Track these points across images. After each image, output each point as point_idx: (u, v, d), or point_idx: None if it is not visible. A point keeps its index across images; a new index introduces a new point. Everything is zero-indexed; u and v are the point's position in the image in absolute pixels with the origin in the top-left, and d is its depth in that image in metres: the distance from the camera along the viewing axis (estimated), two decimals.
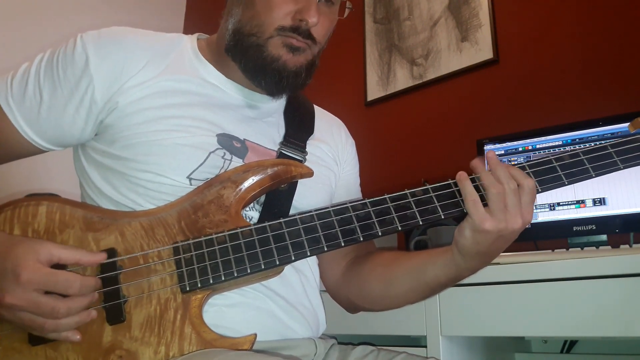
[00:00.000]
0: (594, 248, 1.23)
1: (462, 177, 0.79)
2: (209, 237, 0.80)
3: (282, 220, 0.81)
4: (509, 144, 1.44)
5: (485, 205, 0.77)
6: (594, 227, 1.27)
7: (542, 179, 0.81)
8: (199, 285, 0.77)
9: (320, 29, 0.91)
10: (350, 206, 0.82)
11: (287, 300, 0.88)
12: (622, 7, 1.57)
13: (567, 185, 0.81)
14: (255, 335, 0.79)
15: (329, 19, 0.92)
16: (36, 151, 0.91)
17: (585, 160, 0.82)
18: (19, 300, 0.70)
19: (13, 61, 0.91)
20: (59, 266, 0.74)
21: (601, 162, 0.82)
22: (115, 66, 0.87)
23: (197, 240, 0.80)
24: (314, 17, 0.86)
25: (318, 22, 0.88)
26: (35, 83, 0.87)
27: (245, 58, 0.91)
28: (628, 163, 0.82)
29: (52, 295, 0.72)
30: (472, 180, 0.79)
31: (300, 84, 0.93)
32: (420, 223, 0.81)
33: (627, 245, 1.24)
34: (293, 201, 0.92)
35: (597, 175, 0.81)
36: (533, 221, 1.33)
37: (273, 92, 0.94)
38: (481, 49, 1.84)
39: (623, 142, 0.83)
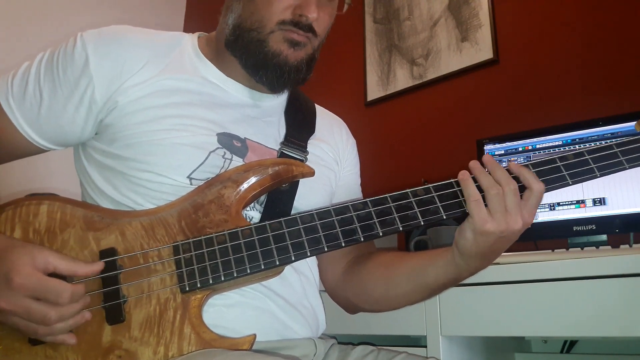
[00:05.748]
0: (594, 248, 1.23)
1: (464, 176, 0.79)
2: (209, 236, 0.79)
3: (282, 220, 0.81)
4: (509, 144, 1.44)
5: (486, 206, 0.77)
6: (594, 227, 1.27)
7: (546, 179, 0.80)
8: (199, 285, 0.77)
9: (321, 24, 0.91)
10: (351, 206, 0.82)
11: (286, 300, 0.88)
12: (622, 7, 1.57)
13: (572, 185, 0.80)
14: (255, 335, 0.79)
15: (328, 13, 0.93)
16: (37, 150, 0.91)
17: (590, 160, 0.81)
18: (10, 305, 0.70)
19: (13, 61, 0.90)
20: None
21: (606, 161, 0.80)
22: (115, 65, 0.86)
23: (197, 239, 0.79)
24: (313, 12, 0.87)
25: (318, 17, 0.88)
26: (36, 82, 0.87)
27: (246, 53, 0.91)
28: (634, 163, 0.80)
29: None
30: (474, 180, 0.78)
31: (302, 79, 0.93)
32: (422, 223, 0.80)
33: (627, 245, 1.23)
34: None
35: (602, 175, 0.80)
36: (533, 221, 1.33)
37: (274, 87, 0.94)
38: (481, 49, 1.84)
39: (629, 141, 0.81)
